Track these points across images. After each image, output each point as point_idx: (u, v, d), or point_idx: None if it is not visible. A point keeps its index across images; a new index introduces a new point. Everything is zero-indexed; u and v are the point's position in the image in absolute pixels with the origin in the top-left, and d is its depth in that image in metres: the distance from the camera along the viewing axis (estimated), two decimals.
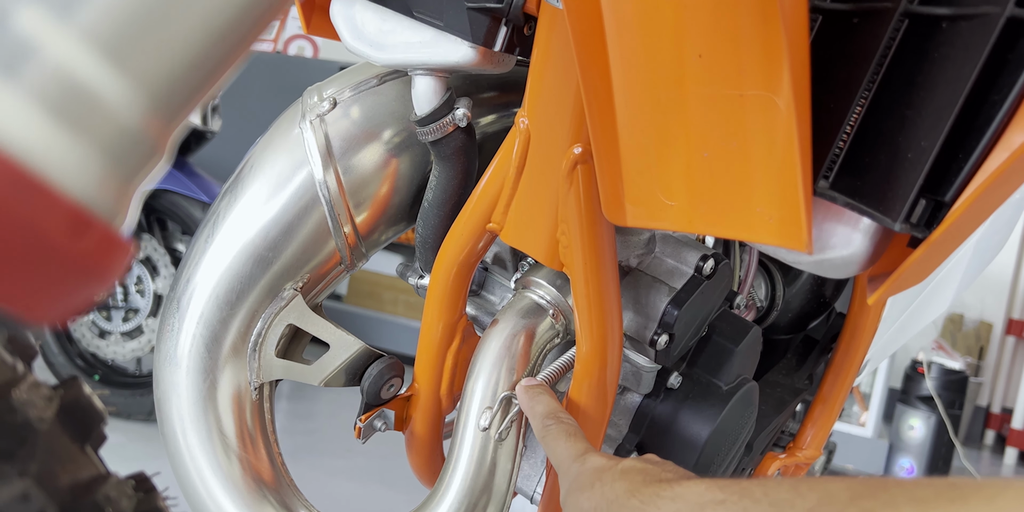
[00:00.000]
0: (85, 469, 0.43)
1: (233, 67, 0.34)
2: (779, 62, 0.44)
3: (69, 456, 0.42)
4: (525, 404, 0.69)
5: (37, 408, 0.40)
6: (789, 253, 0.55)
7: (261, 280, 0.73)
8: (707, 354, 0.79)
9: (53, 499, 0.39)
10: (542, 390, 0.69)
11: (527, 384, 0.70)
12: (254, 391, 0.74)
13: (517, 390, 0.70)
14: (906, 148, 0.46)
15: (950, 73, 0.44)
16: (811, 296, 1.03)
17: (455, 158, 0.72)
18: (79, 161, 0.27)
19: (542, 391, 0.69)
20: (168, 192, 2.57)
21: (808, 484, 0.46)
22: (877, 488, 0.43)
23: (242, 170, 0.76)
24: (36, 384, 0.41)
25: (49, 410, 0.41)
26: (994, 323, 4.30)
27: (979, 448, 4.34)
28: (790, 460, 1.04)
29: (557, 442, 0.63)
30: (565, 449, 0.62)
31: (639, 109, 0.54)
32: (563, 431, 0.64)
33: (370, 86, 0.75)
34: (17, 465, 0.38)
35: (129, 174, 0.30)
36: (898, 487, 0.42)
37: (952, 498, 0.39)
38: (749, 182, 0.48)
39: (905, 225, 0.46)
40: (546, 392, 0.69)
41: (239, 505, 0.72)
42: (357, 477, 2.48)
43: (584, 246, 0.64)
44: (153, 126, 0.30)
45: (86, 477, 0.43)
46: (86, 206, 0.27)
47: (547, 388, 0.70)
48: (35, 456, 0.38)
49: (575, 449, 0.62)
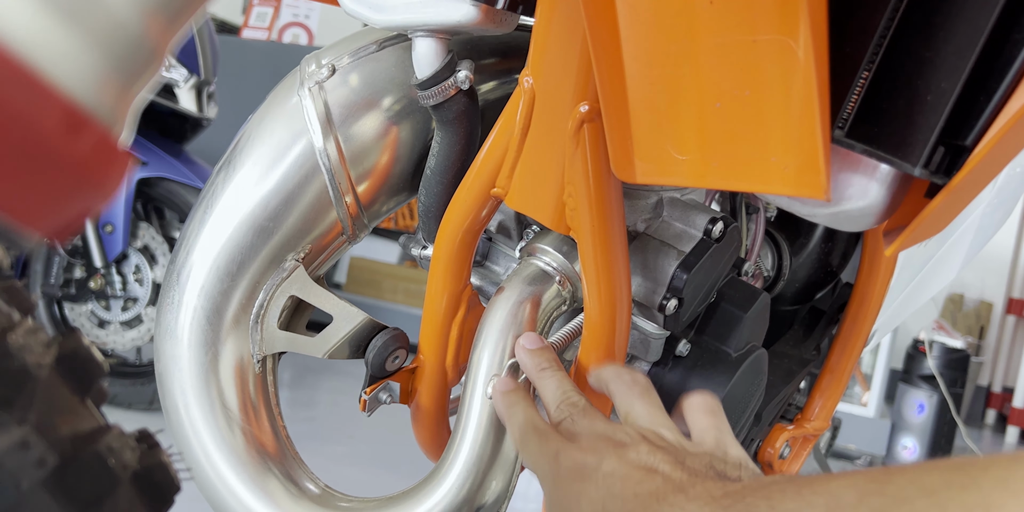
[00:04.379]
0: (86, 421, 0.42)
1: None
2: (795, 4, 0.43)
3: (69, 407, 0.41)
4: (502, 412, 0.66)
5: (35, 354, 0.38)
6: (804, 205, 0.54)
7: (262, 251, 0.72)
8: (716, 321, 0.78)
9: (53, 448, 0.38)
10: (520, 396, 0.66)
11: (503, 389, 0.67)
12: (257, 364, 0.73)
13: (493, 394, 0.67)
14: (925, 91, 0.44)
15: (970, 12, 0.43)
16: (818, 266, 1.02)
17: (457, 122, 0.70)
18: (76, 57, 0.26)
19: (518, 400, 0.65)
20: (164, 180, 2.56)
21: (811, 487, 0.44)
22: (883, 482, 0.41)
23: (239, 142, 0.74)
24: (34, 329, 0.40)
25: (47, 356, 0.39)
26: (994, 303, 4.30)
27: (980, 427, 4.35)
28: (798, 431, 1.04)
29: (532, 446, 0.60)
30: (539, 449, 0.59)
31: (649, 61, 0.52)
32: (538, 436, 0.60)
33: (369, 52, 0.74)
34: (16, 412, 0.37)
35: (128, 79, 0.28)
36: (904, 477, 0.40)
37: (964, 485, 0.37)
38: (764, 131, 0.47)
39: (924, 171, 0.45)
40: (525, 399, 0.65)
41: (243, 477, 0.71)
42: (359, 463, 2.48)
43: (591, 208, 0.63)
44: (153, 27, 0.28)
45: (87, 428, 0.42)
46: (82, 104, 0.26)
47: (526, 394, 0.66)
48: (34, 404, 0.37)
49: (549, 449, 0.58)
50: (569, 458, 0.56)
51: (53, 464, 0.39)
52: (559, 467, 0.57)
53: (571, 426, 0.61)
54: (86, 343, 0.45)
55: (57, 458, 0.39)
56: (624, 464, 0.53)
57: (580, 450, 0.57)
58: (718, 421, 0.60)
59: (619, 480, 0.52)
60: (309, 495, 0.73)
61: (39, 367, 0.39)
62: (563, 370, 0.66)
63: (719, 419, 0.61)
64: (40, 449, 0.37)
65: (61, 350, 0.42)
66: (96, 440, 0.41)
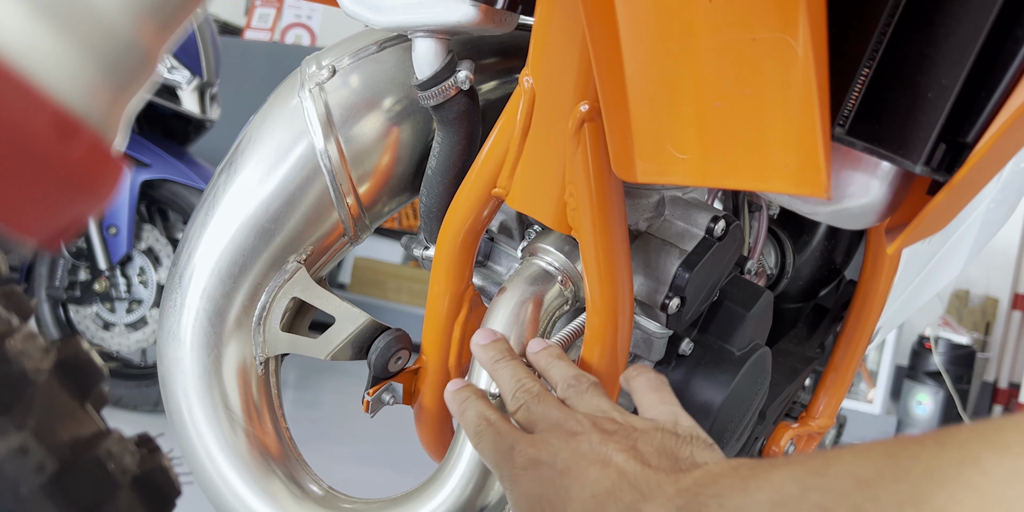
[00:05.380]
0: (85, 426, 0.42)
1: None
2: (794, 1, 0.43)
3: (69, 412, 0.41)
4: (455, 411, 0.66)
5: (33, 359, 0.38)
6: (805, 203, 0.53)
7: (264, 252, 0.72)
8: (719, 320, 0.78)
9: (52, 453, 0.38)
10: (471, 391, 0.66)
11: (452, 388, 0.67)
12: (259, 365, 0.73)
13: (445, 395, 0.67)
14: (926, 88, 0.44)
15: (971, 8, 0.43)
16: (821, 263, 1.02)
17: (458, 123, 0.70)
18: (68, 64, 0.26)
19: (469, 395, 0.65)
20: (168, 182, 2.56)
21: (756, 481, 0.44)
22: (822, 473, 0.41)
23: (240, 144, 0.74)
24: (32, 335, 0.40)
25: (46, 362, 0.39)
26: (1000, 298, 4.29)
27: None
28: (803, 429, 1.03)
29: (487, 444, 0.60)
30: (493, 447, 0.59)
31: (648, 61, 0.52)
32: (492, 432, 0.60)
33: (369, 53, 0.74)
34: (14, 418, 0.37)
35: (120, 85, 0.28)
36: (841, 466, 0.41)
37: (896, 476, 0.37)
38: (764, 130, 0.47)
39: (926, 168, 0.44)
40: (476, 393, 0.65)
41: (246, 479, 0.71)
42: (364, 463, 2.48)
43: (593, 207, 0.62)
44: (146, 32, 0.28)
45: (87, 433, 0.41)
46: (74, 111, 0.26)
47: (476, 389, 0.67)
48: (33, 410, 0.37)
49: (503, 445, 0.59)
50: (523, 454, 0.57)
51: (52, 469, 0.38)
52: (514, 465, 0.57)
53: (526, 414, 0.61)
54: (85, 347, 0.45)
55: (56, 463, 0.39)
56: (578, 459, 0.54)
57: (534, 445, 0.57)
58: (664, 395, 0.62)
59: (575, 481, 0.53)
60: (312, 497, 0.73)
61: (38, 372, 0.38)
62: (517, 359, 0.66)
63: (665, 393, 0.63)
64: (39, 455, 0.37)
65: (60, 355, 0.41)
66: (95, 445, 0.41)
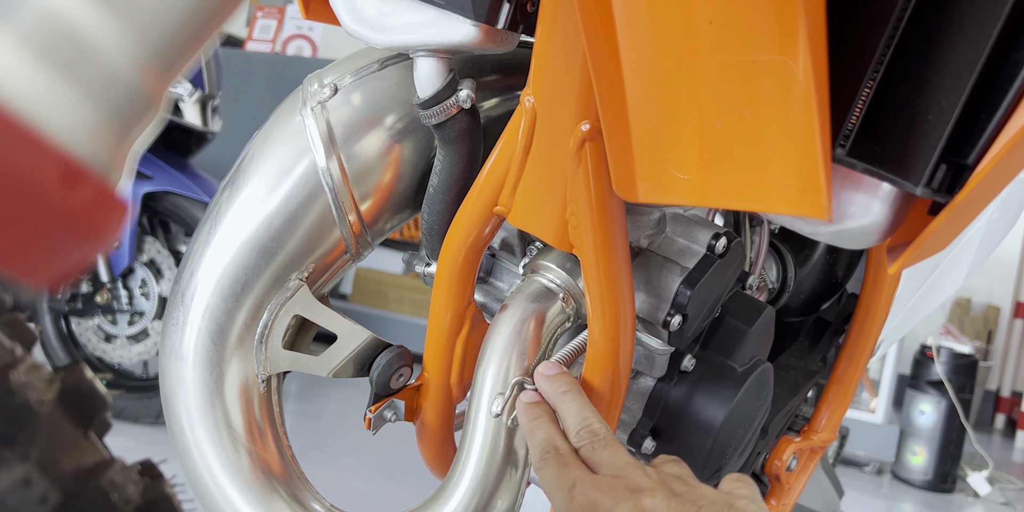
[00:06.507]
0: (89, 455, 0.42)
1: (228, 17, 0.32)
2: (794, 25, 0.43)
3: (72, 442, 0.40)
4: (524, 426, 0.66)
5: (37, 391, 0.38)
6: (806, 224, 0.53)
7: (266, 271, 0.72)
8: (720, 336, 0.78)
9: (56, 484, 0.38)
10: (543, 410, 0.66)
11: (527, 400, 0.67)
12: (261, 383, 0.73)
13: (518, 406, 0.67)
14: (926, 110, 0.44)
15: (970, 31, 0.43)
16: (823, 277, 1.02)
17: (460, 141, 0.70)
18: (71, 110, 0.26)
19: (542, 414, 0.65)
20: (170, 194, 2.56)
21: None
22: None
23: (243, 161, 0.74)
24: (35, 366, 0.40)
25: (49, 393, 0.39)
26: (1002, 307, 4.29)
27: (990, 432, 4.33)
28: (805, 443, 1.03)
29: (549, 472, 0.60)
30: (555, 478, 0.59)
31: (649, 81, 0.52)
32: (558, 462, 0.61)
33: (371, 71, 0.74)
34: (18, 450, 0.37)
35: (124, 128, 0.28)
36: None
37: None
38: (764, 151, 0.47)
39: (927, 190, 0.45)
40: (548, 414, 0.65)
41: (249, 499, 0.70)
42: (366, 475, 2.47)
43: (594, 225, 0.63)
44: (149, 77, 0.29)
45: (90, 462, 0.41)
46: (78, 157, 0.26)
47: (549, 409, 0.66)
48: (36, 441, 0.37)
49: (566, 479, 0.59)
50: (584, 494, 0.57)
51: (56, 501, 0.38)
52: (572, 501, 0.57)
53: (591, 454, 0.61)
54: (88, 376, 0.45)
55: (60, 495, 0.39)
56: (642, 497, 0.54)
57: (597, 488, 0.57)
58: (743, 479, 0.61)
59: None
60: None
61: (41, 404, 0.38)
62: (583, 395, 0.66)
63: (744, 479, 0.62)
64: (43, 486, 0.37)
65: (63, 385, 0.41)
66: (99, 475, 0.41)
